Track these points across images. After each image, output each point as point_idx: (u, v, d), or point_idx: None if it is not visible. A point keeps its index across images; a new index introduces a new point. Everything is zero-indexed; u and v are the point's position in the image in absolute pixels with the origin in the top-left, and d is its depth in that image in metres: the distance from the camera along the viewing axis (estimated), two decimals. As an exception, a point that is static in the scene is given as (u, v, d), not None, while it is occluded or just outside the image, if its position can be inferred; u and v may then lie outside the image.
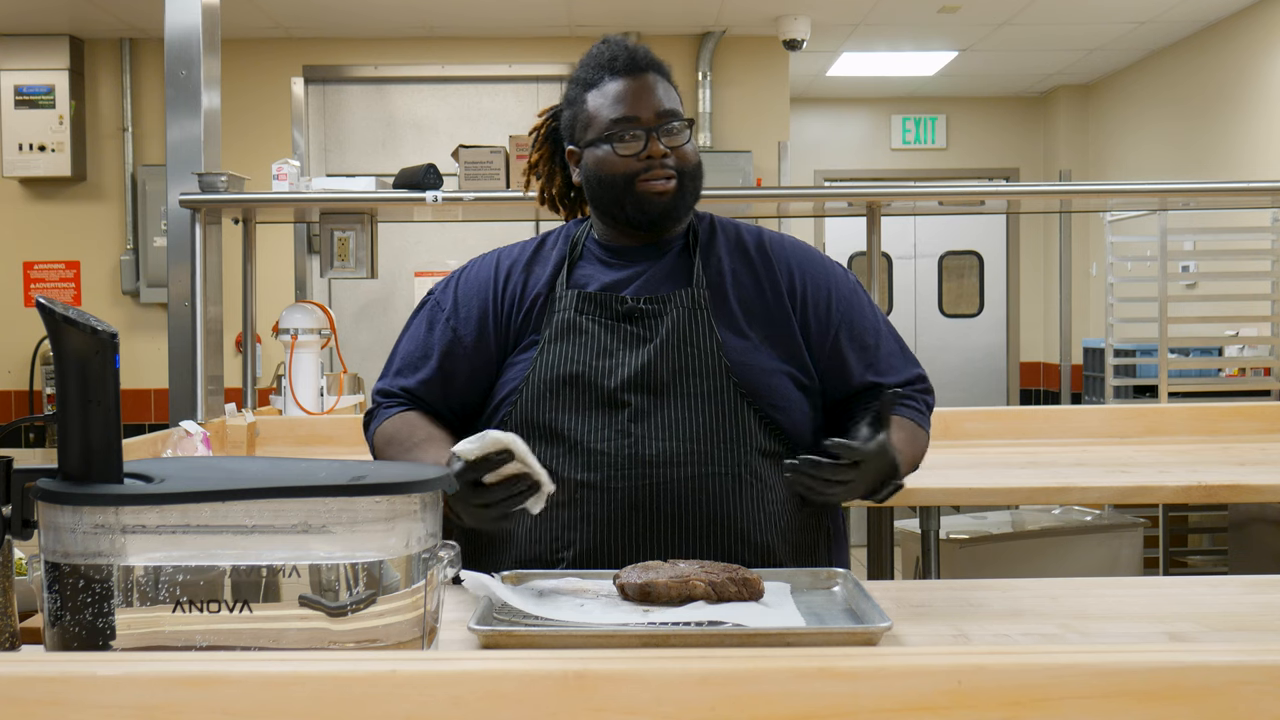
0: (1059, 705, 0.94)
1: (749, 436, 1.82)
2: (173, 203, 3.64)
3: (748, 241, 1.95)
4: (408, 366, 1.93)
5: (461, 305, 1.92)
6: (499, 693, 0.93)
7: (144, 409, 6.35)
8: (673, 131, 1.87)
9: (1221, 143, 6.29)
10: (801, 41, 6.29)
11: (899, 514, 3.79)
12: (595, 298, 1.87)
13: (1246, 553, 4.25)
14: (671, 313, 1.85)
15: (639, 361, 1.82)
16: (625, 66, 1.87)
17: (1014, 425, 3.55)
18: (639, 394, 1.81)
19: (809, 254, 1.98)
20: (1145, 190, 4.45)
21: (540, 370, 1.84)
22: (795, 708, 0.93)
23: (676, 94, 1.92)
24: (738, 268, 1.91)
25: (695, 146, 1.91)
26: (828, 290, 1.93)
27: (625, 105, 1.86)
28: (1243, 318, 5.47)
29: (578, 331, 1.84)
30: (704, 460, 1.80)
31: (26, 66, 6.30)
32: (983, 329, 8.34)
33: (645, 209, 1.86)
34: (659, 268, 1.90)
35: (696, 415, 1.81)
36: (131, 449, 2.82)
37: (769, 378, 1.85)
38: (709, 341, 1.84)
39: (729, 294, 1.88)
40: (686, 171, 1.88)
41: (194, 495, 1.17)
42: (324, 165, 6.50)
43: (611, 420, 1.80)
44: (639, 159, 1.85)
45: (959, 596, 1.68)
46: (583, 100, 1.90)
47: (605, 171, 1.87)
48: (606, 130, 1.86)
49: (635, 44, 1.92)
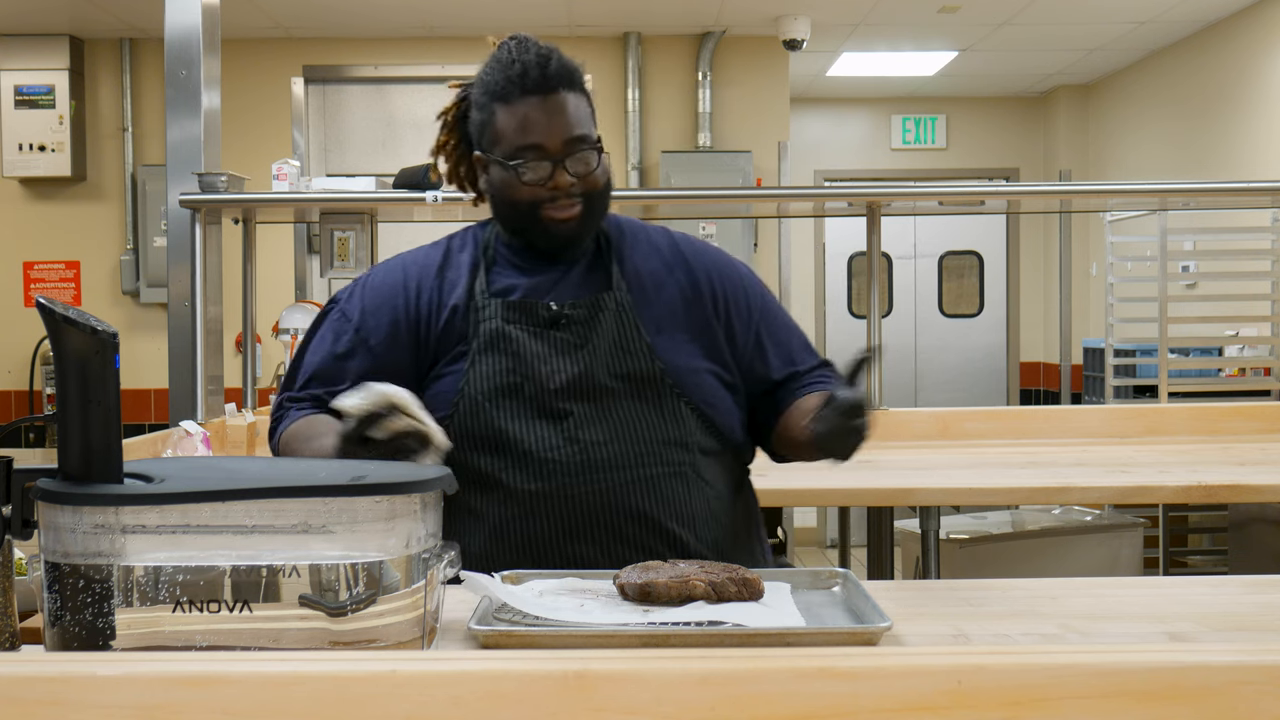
0: (1059, 705, 0.94)
1: (690, 435, 1.84)
2: (173, 203, 3.64)
3: (660, 243, 1.94)
4: (315, 379, 1.88)
5: (370, 315, 1.89)
6: (499, 693, 0.93)
7: (144, 409, 6.35)
8: (580, 157, 1.82)
9: (1221, 143, 6.29)
10: (801, 41, 6.29)
11: (899, 514, 3.79)
12: (521, 305, 1.85)
13: (1246, 553, 4.25)
14: (600, 319, 1.84)
15: (575, 368, 1.82)
16: (536, 84, 1.81)
17: (1014, 425, 3.55)
18: (580, 401, 1.81)
19: (720, 256, 1.99)
20: (1145, 190, 4.45)
21: (475, 381, 1.82)
22: (795, 708, 0.94)
23: (589, 105, 1.87)
24: (654, 269, 1.90)
25: (604, 167, 1.86)
26: (743, 290, 1.95)
27: (532, 132, 1.80)
28: (1243, 318, 5.47)
29: (508, 340, 1.83)
30: (653, 462, 1.81)
31: (26, 66, 6.30)
32: (983, 329, 8.34)
33: (549, 235, 1.84)
34: (575, 271, 1.89)
35: (639, 418, 1.82)
36: (131, 449, 2.82)
37: (699, 376, 1.86)
38: (639, 344, 1.84)
39: (650, 296, 1.88)
40: (592, 197, 1.84)
41: (194, 495, 1.17)
42: (324, 165, 6.50)
43: (557, 429, 1.80)
44: (544, 188, 1.81)
45: (959, 596, 1.68)
46: (491, 110, 1.85)
47: (509, 194, 1.84)
48: (511, 156, 1.82)
49: (547, 49, 1.86)
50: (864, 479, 2.98)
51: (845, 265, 8.24)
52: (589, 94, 1.89)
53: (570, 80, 1.84)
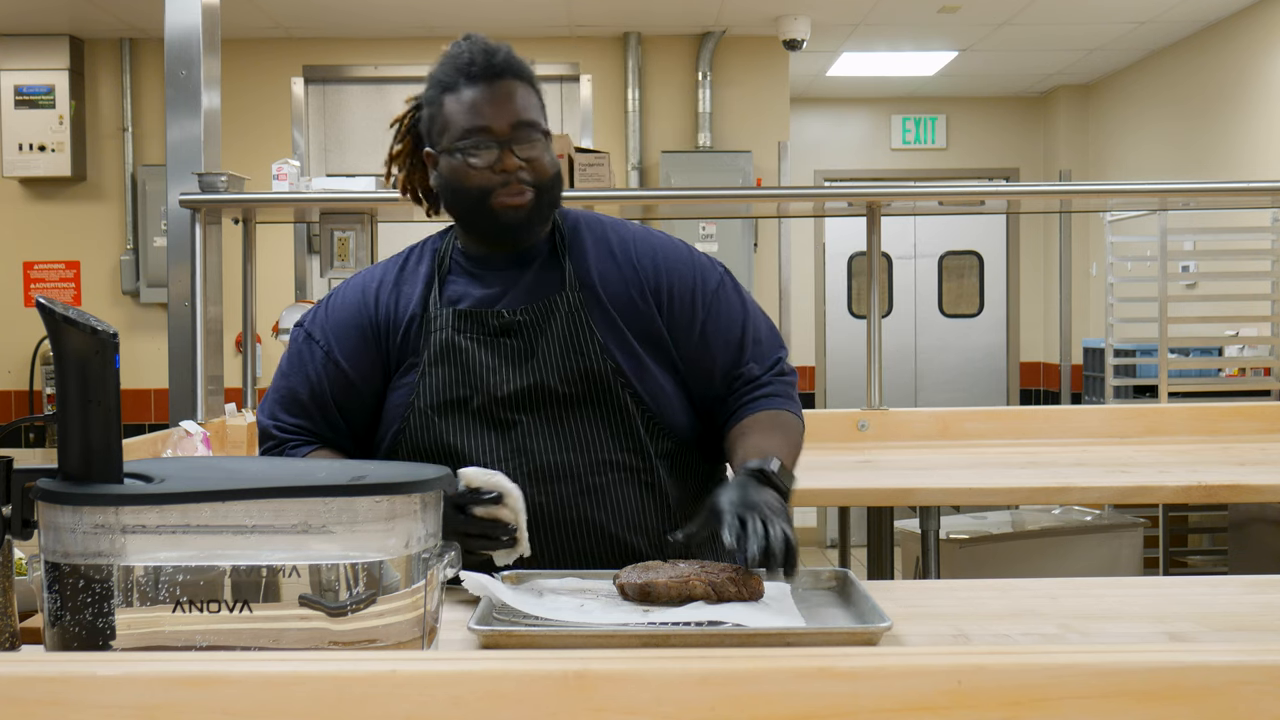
0: (1059, 705, 0.94)
1: (641, 440, 1.82)
2: (173, 203, 3.64)
3: (612, 239, 1.91)
4: (296, 404, 1.87)
5: (337, 337, 1.88)
6: (499, 693, 0.93)
7: (144, 409, 6.35)
8: (528, 143, 1.81)
9: (1221, 143, 6.29)
10: (801, 41, 6.29)
11: (899, 514, 3.79)
12: (471, 315, 1.84)
13: (1246, 553, 4.25)
14: (551, 322, 1.82)
15: (524, 379, 1.80)
16: (482, 72, 1.81)
17: (1014, 425, 3.55)
18: (528, 410, 1.80)
19: (673, 248, 1.92)
20: (1145, 190, 4.46)
21: (424, 394, 1.82)
22: (795, 708, 0.93)
23: (538, 99, 1.86)
24: (605, 267, 1.87)
25: (553, 157, 1.84)
26: (691, 284, 1.88)
27: (479, 115, 1.79)
28: (1243, 318, 5.47)
29: (457, 351, 1.82)
30: (603, 469, 1.80)
31: (26, 66, 6.30)
32: (983, 329, 8.34)
33: (499, 223, 1.82)
34: (530, 275, 1.87)
35: (588, 425, 1.80)
36: (131, 449, 2.82)
37: (648, 375, 1.83)
38: (591, 346, 1.82)
39: (600, 295, 1.85)
40: (543, 185, 1.82)
41: (194, 495, 1.17)
42: (324, 165, 6.50)
43: (504, 440, 1.80)
44: (493, 171, 1.80)
45: (959, 596, 1.68)
46: (440, 103, 1.84)
47: (458, 182, 1.82)
48: (459, 140, 1.80)
49: (496, 45, 1.85)
50: (864, 479, 2.98)
51: (845, 265, 8.24)
52: (538, 91, 1.87)
53: (517, 70, 1.84)
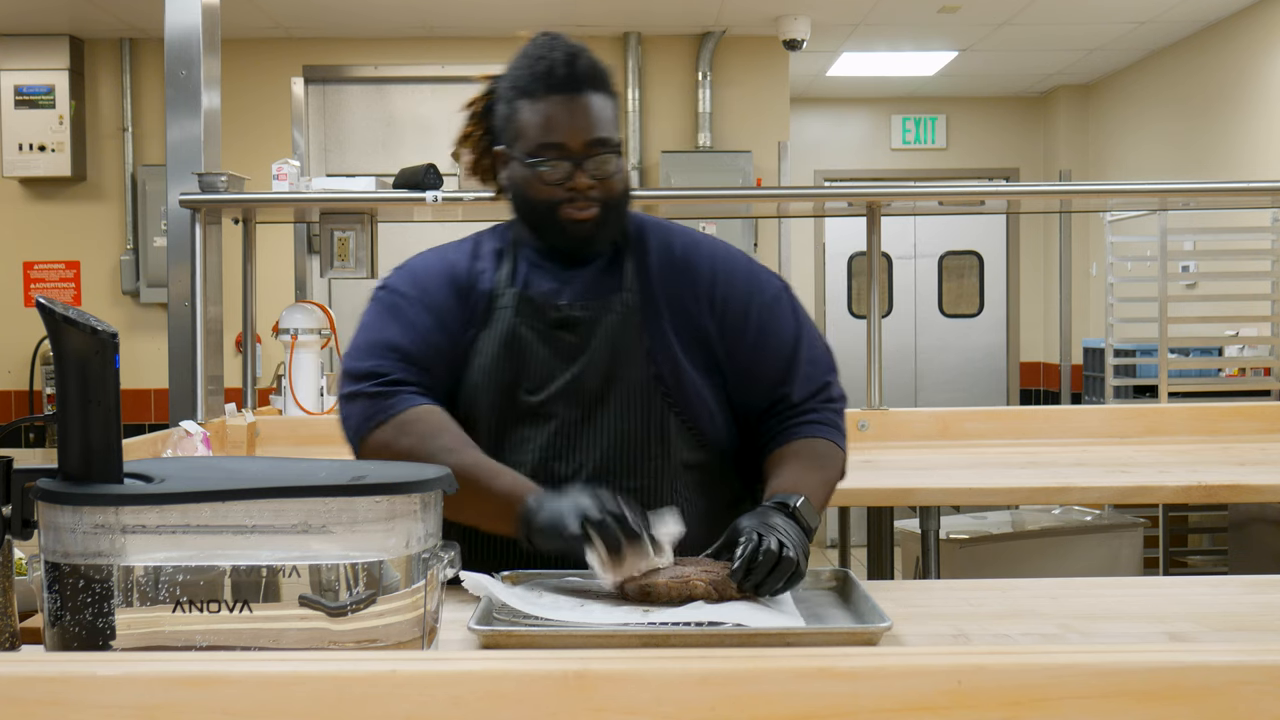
0: (1059, 705, 0.94)
1: (673, 449, 1.82)
2: (173, 203, 3.64)
3: (674, 244, 1.91)
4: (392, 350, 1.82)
5: (431, 290, 1.86)
6: (499, 693, 0.93)
7: (144, 409, 6.35)
8: (601, 161, 1.81)
9: (1221, 143, 6.29)
10: (801, 41, 6.29)
11: (899, 514, 3.79)
12: (532, 303, 1.84)
13: (1246, 553, 4.25)
14: (605, 320, 1.83)
15: (570, 372, 1.81)
16: (562, 83, 1.80)
17: (1014, 425, 3.55)
18: (567, 406, 1.80)
19: (732, 257, 1.92)
20: (1145, 190, 4.45)
21: (474, 374, 1.82)
22: (795, 708, 0.94)
23: (614, 107, 1.85)
24: (665, 272, 1.88)
25: (624, 174, 1.85)
26: (747, 293, 1.88)
27: (554, 130, 1.79)
28: (1243, 318, 5.47)
29: (513, 338, 1.82)
30: (631, 473, 1.80)
31: (26, 66, 6.29)
32: (983, 329, 8.34)
33: (565, 235, 1.83)
34: (592, 271, 1.87)
35: (622, 427, 1.80)
36: (131, 449, 2.82)
37: (694, 385, 1.83)
38: (637, 348, 1.82)
39: (657, 298, 1.85)
40: (610, 201, 1.82)
41: (194, 495, 1.17)
42: (324, 165, 6.50)
43: (537, 433, 1.80)
44: (563, 188, 1.80)
45: (959, 596, 1.68)
46: (516, 106, 1.83)
47: (528, 193, 1.83)
48: (532, 153, 1.80)
49: (577, 49, 1.84)
50: (864, 479, 2.98)
51: (845, 265, 8.24)
52: (615, 96, 1.87)
53: (596, 81, 1.82)
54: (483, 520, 1.72)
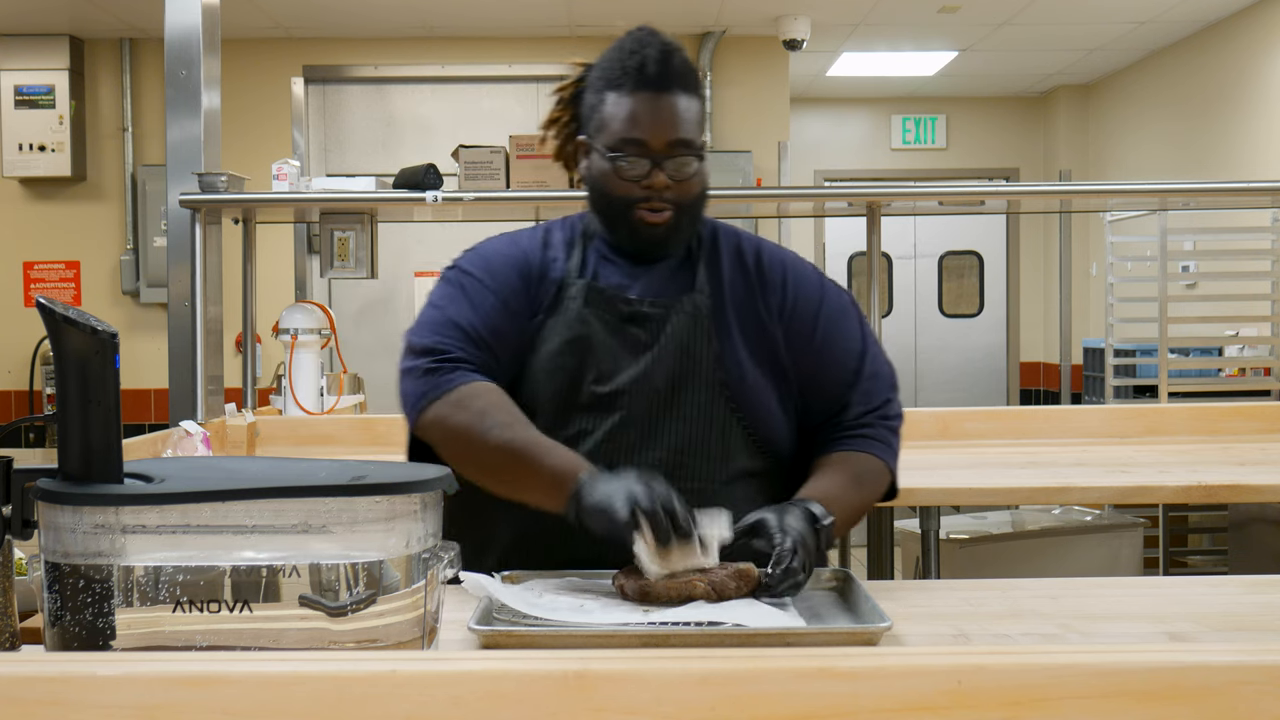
0: (1059, 705, 0.94)
1: (734, 454, 1.81)
2: (173, 203, 3.64)
3: (746, 252, 1.91)
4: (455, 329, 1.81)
5: (500, 275, 1.86)
6: (499, 693, 0.93)
7: (144, 409, 6.35)
8: (681, 162, 1.80)
9: (1221, 143, 6.29)
10: (801, 41, 6.29)
11: (899, 514, 3.79)
12: (603, 294, 1.84)
13: (1246, 553, 4.25)
14: (674, 318, 1.83)
15: (638, 368, 1.80)
16: (652, 80, 1.79)
17: (1014, 425, 3.54)
18: (632, 401, 1.80)
19: (803, 270, 1.93)
20: (1145, 190, 4.45)
21: (539, 360, 1.82)
22: (795, 708, 0.93)
23: (701, 110, 1.84)
24: (736, 278, 1.88)
25: (702, 175, 1.84)
26: (817, 301, 1.88)
27: (638, 126, 1.78)
28: (1243, 318, 5.47)
29: (582, 325, 1.82)
30: (688, 475, 1.79)
31: (26, 66, 6.30)
32: (983, 329, 8.34)
33: (638, 236, 1.83)
34: (664, 269, 1.87)
35: (684, 427, 1.80)
36: (131, 449, 2.82)
37: (758, 392, 1.83)
38: (706, 351, 1.82)
39: (727, 304, 1.85)
40: (685, 204, 1.82)
41: (194, 495, 1.17)
42: (324, 165, 6.50)
43: (601, 422, 1.79)
44: (640, 186, 1.80)
45: (959, 596, 1.68)
46: (603, 97, 1.83)
47: (604, 186, 1.83)
48: (613, 147, 1.80)
49: (672, 47, 1.82)
50: (864, 479, 2.96)
51: (845, 265, 8.24)
52: (703, 100, 1.87)
53: (686, 82, 1.82)
54: (533, 496, 1.70)
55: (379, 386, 4.67)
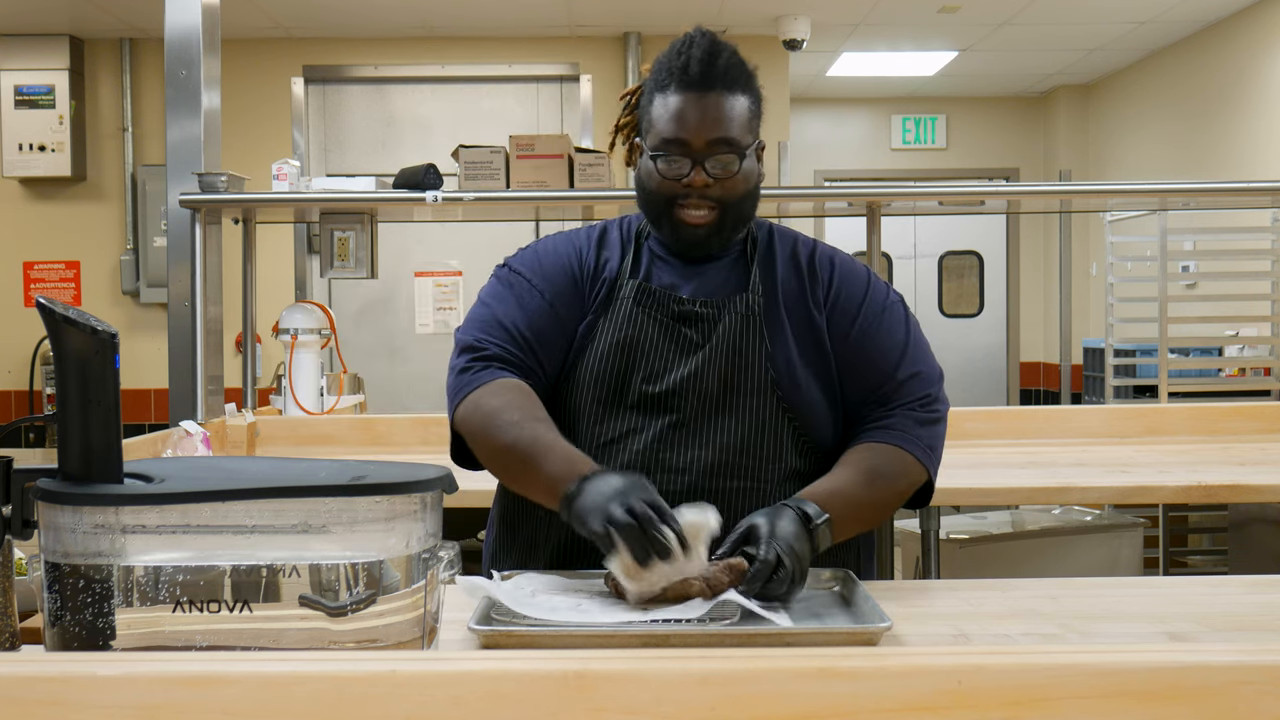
0: (1059, 705, 0.94)
1: (784, 454, 1.82)
2: (173, 203, 3.64)
3: (800, 253, 1.92)
4: (499, 328, 1.84)
5: (547, 276, 1.87)
6: (499, 693, 0.93)
7: (144, 409, 6.35)
8: (722, 160, 1.80)
9: (1221, 143, 6.29)
10: (801, 41, 6.29)
11: (899, 514, 3.79)
12: (655, 294, 1.85)
13: (1246, 553, 4.24)
14: (726, 319, 1.83)
15: (688, 368, 1.80)
16: (696, 80, 1.80)
17: (1014, 425, 3.54)
18: (684, 400, 1.80)
19: (852, 268, 1.93)
20: (1145, 190, 4.45)
21: (590, 359, 1.83)
22: (795, 708, 0.93)
23: (750, 109, 1.85)
24: (788, 279, 1.89)
25: (747, 174, 1.84)
26: (861, 295, 1.89)
27: (679, 125, 1.79)
28: (1243, 318, 5.46)
29: (632, 325, 1.83)
30: (738, 474, 1.79)
31: (26, 66, 6.30)
32: (983, 329, 8.34)
33: (679, 235, 1.84)
34: (717, 270, 1.88)
35: (736, 427, 1.80)
36: (131, 449, 2.82)
37: (809, 394, 1.83)
38: (759, 353, 1.82)
39: (779, 304, 1.86)
40: (729, 203, 1.82)
41: (194, 495, 1.17)
42: (324, 165, 6.50)
43: (652, 422, 1.80)
44: (680, 184, 1.80)
45: (959, 596, 1.68)
46: (653, 98, 1.84)
47: (649, 186, 1.84)
48: (656, 146, 1.81)
49: (720, 48, 1.83)
50: (864, 479, 2.96)
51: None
52: (756, 98, 1.87)
53: (731, 81, 1.82)
54: (537, 495, 1.71)
55: (379, 386, 4.67)
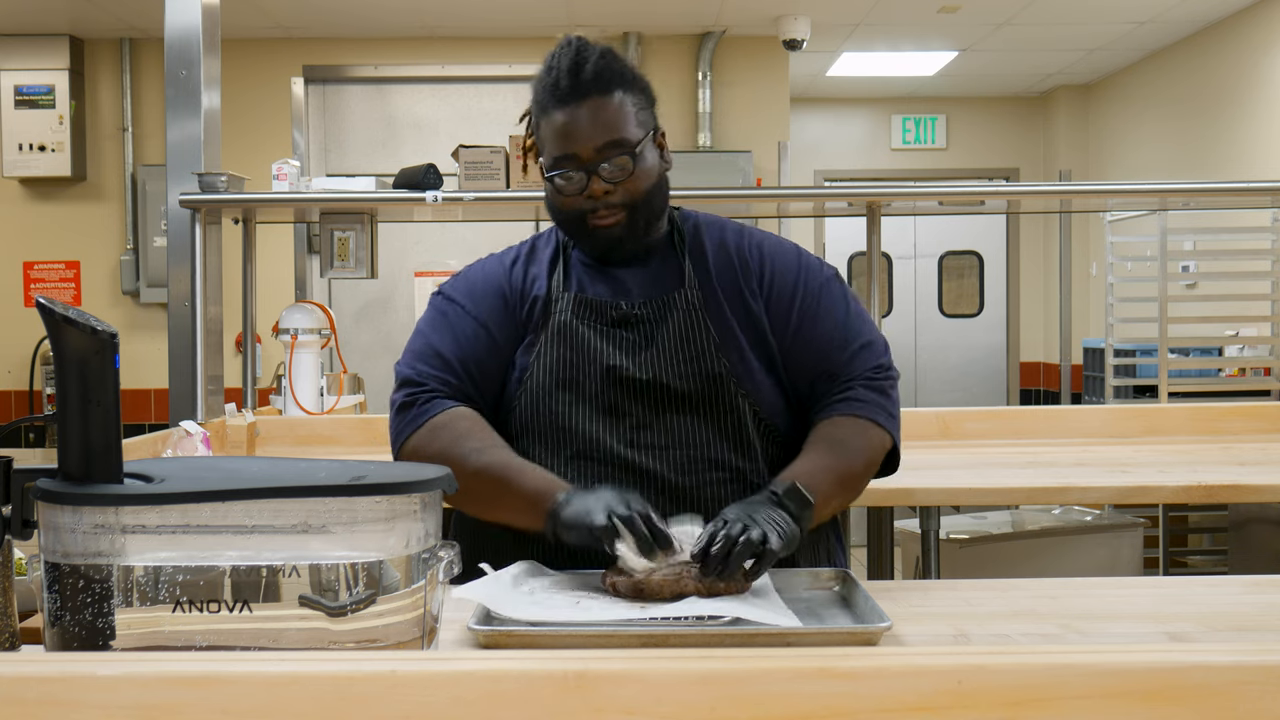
0: (1059, 705, 0.94)
1: (750, 442, 1.82)
2: (173, 203, 3.64)
3: (729, 242, 1.91)
4: (437, 359, 1.85)
5: (480, 301, 1.89)
6: (499, 693, 0.93)
7: (144, 409, 6.35)
8: (616, 163, 1.79)
9: (1221, 143, 6.29)
10: (801, 41, 6.29)
11: (899, 514, 3.79)
12: (591, 303, 1.85)
13: (1246, 553, 4.25)
14: (669, 317, 1.83)
15: (641, 371, 1.81)
16: (567, 94, 1.79)
17: (1014, 425, 3.54)
18: (641, 401, 1.80)
19: (781, 245, 1.93)
20: (1145, 190, 4.45)
21: (539, 373, 1.83)
22: (795, 708, 0.93)
23: (629, 103, 1.82)
24: (721, 269, 1.88)
25: (647, 169, 1.82)
26: (794, 279, 1.88)
27: (565, 141, 1.79)
28: (1243, 318, 5.46)
29: (575, 336, 1.83)
30: (710, 467, 1.79)
31: (26, 66, 6.30)
32: (983, 329, 8.34)
33: (597, 245, 1.85)
34: (648, 270, 1.88)
35: (700, 423, 1.80)
36: (131, 449, 2.82)
37: (756, 378, 1.83)
38: (708, 345, 1.82)
39: (718, 295, 1.86)
40: (636, 203, 1.82)
41: (194, 495, 1.17)
42: (324, 165, 6.50)
43: (615, 426, 1.80)
44: (582, 197, 1.80)
45: (959, 596, 1.68)
46: (538, 120, 1.85)
47: (555, 206, 1.84)
48: (550, 167, 1.82)
49: (587, 54, 1.82)
50: (864, 479, 2.96)
51: (845, 265, 8.24)
52: (632, 90, 1.83)
53: (605, 83, 1.81)
54: (513, 517, 1.72)
55: (379, 386, 4.67)
